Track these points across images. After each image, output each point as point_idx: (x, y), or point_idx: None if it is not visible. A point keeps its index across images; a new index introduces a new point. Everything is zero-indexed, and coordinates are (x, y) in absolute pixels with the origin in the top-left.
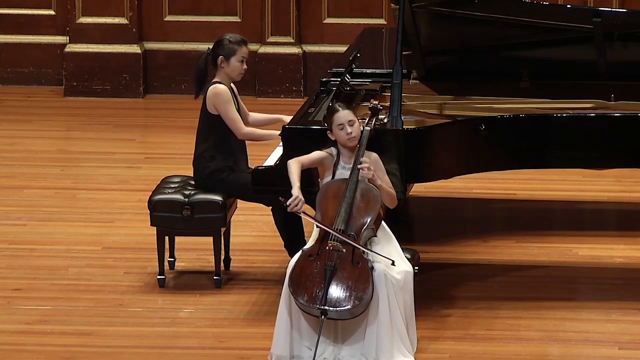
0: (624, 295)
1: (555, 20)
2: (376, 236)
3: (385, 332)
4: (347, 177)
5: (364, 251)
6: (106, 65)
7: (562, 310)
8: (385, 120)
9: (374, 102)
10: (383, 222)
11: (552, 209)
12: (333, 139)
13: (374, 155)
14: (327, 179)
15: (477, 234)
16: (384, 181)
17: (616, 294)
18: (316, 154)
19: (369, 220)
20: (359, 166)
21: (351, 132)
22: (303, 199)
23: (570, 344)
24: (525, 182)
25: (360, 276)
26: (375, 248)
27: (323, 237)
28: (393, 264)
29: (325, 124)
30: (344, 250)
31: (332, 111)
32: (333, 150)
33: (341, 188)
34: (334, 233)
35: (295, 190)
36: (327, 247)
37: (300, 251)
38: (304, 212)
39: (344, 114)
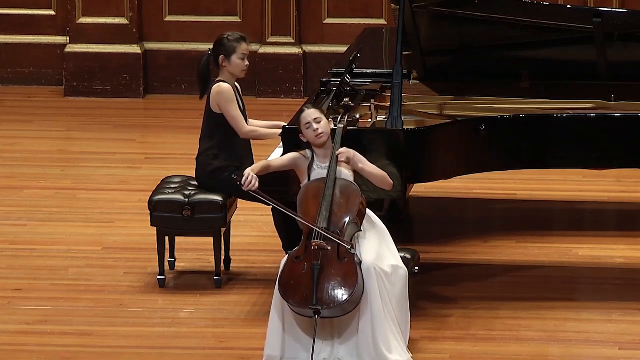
0: (624, 295)
1: (555, 20)
2: (361, 230)
3: (380, 320)
4: (324, 175)
5: (347, 248)
6: (106, 65)
7: (562, 310)
8: (370, 120)
9: (346, 100)
10: (375, 217)
11: (552, 209)
12: (305, 140)
13: (351, 149)
14: (305, 181)
15: (477, 234)
16: (366, 165)
17: (616, 294)
18: (287, 156)
19: (350, 215)
20: (337, 153)
21: (317, 129)
22: (256, 177)
23: (570, 344)
24: (525, 182)
25: (348, 271)
26: (364, 242)
27: (307, 236)
28: (351, 249)
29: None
30: (329, 247)
31: (298, 112)
32: (307, 152)
33: (320, 187)
34: (316, 228)
35: (246, 169)
36: (312, 247)
37: (287, 254)
38: (262, 194)
39: (308, 112)
